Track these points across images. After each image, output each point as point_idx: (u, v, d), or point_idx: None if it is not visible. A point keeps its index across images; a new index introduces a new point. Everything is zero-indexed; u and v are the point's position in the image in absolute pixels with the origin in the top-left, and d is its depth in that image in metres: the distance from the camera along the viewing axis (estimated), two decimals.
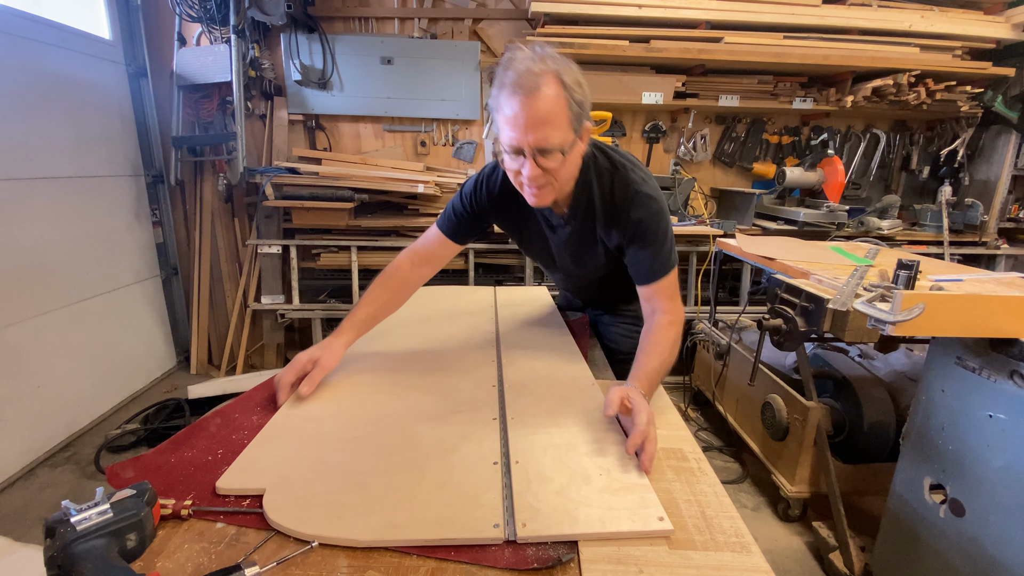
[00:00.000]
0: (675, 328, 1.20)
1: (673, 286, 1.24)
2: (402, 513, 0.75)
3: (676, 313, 1.22)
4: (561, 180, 1.12)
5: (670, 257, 1.22)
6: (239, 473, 0.83)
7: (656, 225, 1.19)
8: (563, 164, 1.07)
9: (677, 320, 1.22)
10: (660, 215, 1.20)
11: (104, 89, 2.97)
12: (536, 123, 0.99)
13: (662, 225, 1.20)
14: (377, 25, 3.34)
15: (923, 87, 3.10)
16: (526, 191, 1.13)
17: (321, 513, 0.74)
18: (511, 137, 1.03)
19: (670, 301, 1.22)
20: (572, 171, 1.15)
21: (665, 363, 1.15)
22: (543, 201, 1.15)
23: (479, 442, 0.94)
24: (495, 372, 1.26)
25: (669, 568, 0.67)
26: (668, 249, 1.22)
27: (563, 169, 1.09)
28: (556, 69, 1.00)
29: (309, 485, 0.81)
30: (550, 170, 1.06)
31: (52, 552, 0.57)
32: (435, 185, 3.09)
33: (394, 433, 0.97)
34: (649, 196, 1.19)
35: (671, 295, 1.23)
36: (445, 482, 0.82)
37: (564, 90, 1.00)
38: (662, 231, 1.20)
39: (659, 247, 1.20)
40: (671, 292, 1.23)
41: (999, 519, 1.31)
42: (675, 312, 1.22)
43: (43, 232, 2.52)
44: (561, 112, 1.01)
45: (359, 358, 1.32)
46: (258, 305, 3.34)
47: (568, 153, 1.06)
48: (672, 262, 1.23)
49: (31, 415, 2.44)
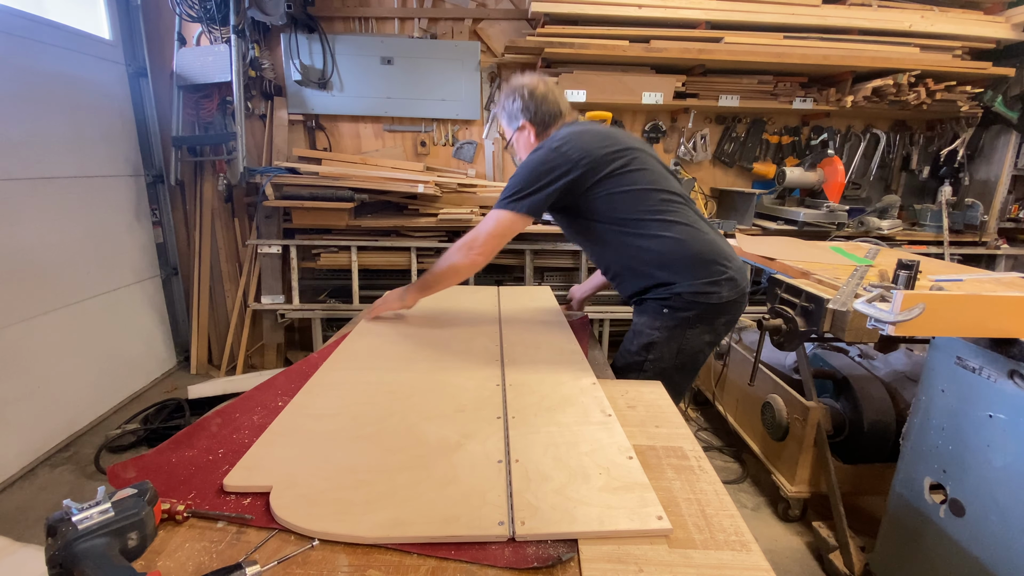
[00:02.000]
0: (452, 252, 1.46)
1: (491, 223, 1.42)
2: (408, 511, 0.75)
3: (469, 244, 1.45)
4: (518, 153, 1.63)
5: (511, 194, 1.40)
6: (245, 471, 0.84)
7: (528, 162, 1.42)
8: (513, 144, 1.63)
9: (459, 248, 1.45)
10: (537, 157, 1.41)
11: (104, 89, 2.97)
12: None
13: (531, 161, 1.41)
14: (377, 25, 3.34)
15: (923, 87, 3.10)
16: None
17: (327, 510, 0.74)
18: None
19: (476, 232, 1.43)
20: (523, 150, 1.59)
21: (436, 276, 1.51)
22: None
23: (483, 441, 0.94)
24: (498, 371, 1.26)
25: (669, 567, 0.67)
26: (515, 185, 1.40)
27: (515, 147, 1.63)
28: (500, 100, 1.62)
29: (315, 483, 0.81)
30: (511, 149, 1.66)
31: (53, 551, 0.57)
32: (435, 185, 3.09)
33: (399, 431, 0.98)
34: (540, 147, 1.44)
35: (485, 229, 1.42)
36: (450, 480, 0.82)
37: (501, 109, 1.62)
38: (526, 166, 1.41)
39: (513, 177, 1.42)
40: (486, 226, 1.42)
41: (999, 519, 1.31)
42: (470, 242, 1.45)
43: (43, 232, 2.52)
44: (502, 119, 1.63)
45: (364, 358, 1.33)
46: (258, 305, 3.34)
47: (512, 139, 1.62)
48: (507, 201, 1.40)
49: (31, 415, 2.44)
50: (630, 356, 1.56)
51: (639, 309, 1.58)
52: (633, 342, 1.56)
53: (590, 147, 1.40)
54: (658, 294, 1.49)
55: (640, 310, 1.57)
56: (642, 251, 1.47)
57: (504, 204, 1.41)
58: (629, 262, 1.52)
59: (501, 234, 1.43)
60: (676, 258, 1.45)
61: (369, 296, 3.18)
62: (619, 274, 1.59)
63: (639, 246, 1.46)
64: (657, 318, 1.50)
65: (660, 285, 1.48)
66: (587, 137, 1.43)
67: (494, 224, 1.42)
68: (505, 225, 1.42)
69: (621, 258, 1.53)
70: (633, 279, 1.55)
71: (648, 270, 1.49)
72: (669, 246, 1.44)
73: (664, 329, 1.49)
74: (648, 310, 1.53)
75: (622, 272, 1.57)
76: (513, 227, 1.43)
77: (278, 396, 1.13)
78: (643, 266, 1.49)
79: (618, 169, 1.42)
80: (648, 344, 1.52)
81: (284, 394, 1.14)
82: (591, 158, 1.40)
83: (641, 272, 1.51)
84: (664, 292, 1.48)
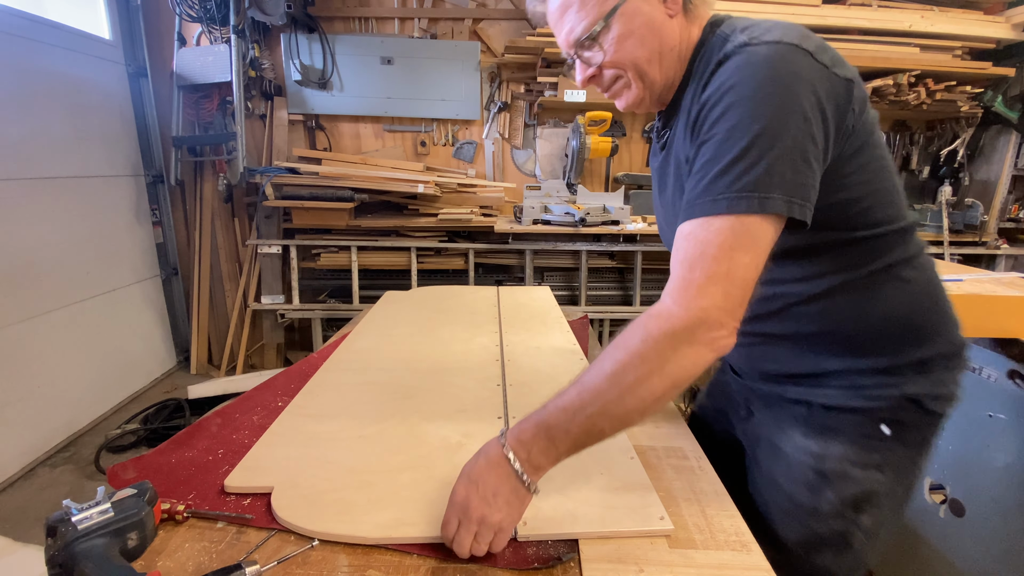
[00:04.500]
0: (653, 338, 0.62)
1: (723, 247, 0.61)
2: (410, 511, 0.75)
3: (684, 307, 0.62)
4: (635, 61, 0.75)
5: (748, 178, 0.61)
6: (246, 471, 0.84)
7: (741, 96, 0.63)
8: (615, 44, 0.74)
9: (670, 321, 0.62)
10: (761, 78, 0.62)
11: (104, 89, 2.97)
12: (558, 16, 0.76)
13: (756, 101, 0.62)
14: (377, 25, 3.34)
15: (923, 87, 3.10)
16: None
17: (328, 511, 0.75)
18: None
19: (690, 277, 0.62)
20: (647, 49, 0.75)
21: (595, 395, 0.63)
22: (629, 104, 0.81)
23: (484, 440, 0.94)
24: (499, 371, 1.26)
25: (670, 567, 0.67)
26: (753, 160, 0.61)
27: (628, 45, 0.74)
28: None
29: (316, 483, 0.81)
30: (611, 58, 0.75)
31: (53, 551, 0.57)
32: (435, 185, 3.09)
33: (400, 432, 0.98)
34: (752, 48, 0.64)
35: (704, 266, 0.61)
36: (452, 480, 0.82)
37: None
38: (751, 113, 0.61)
39: (730, 144, 0.62)
40: (709, 258, 0.61)
41: (999, 519, 1.31)
42: (684, 305, 0.62)
43: (43, 232, 2.52)
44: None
45: (364, 358, 1.33)
46: (258, 305, 3.34)
47: (608, 30, 0.73)
48: (749, 194, 0.61)
49: (31, 415, 2.44)
50: (817, 522, 0.82)
51: (805, 416, 0.83)
52: (818, 493, 0.81)
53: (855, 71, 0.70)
54: (873, 392, 0.78)
55: (814, 420, 0.82)
56: (876, 299, 0.77)
57: (737, 198, 0.62)
58: (844, 315, 0.78)
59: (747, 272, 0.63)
60: (927, 319, 0.79)
61: (369, 296, 3.18)
62: (806, 335, 0.81)
63: (879, 286, 0.77)
64: (870, 444, 0.79)
65: (880, 372, 0.78)
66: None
67: (728, 253, 0.62)
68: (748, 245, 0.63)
69: (832, 306, 0.78)
70: (826, 347, 0.80)
71: (869, 339, 0.78)
72: (918, 296, 0.79)
73: (890, 467, 0.80)
74: (843, 427, 0.80)
75: (817, 332, 0.80)
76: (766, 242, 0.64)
77: (278, 396, 1.13)
78: (864, 329, 0.78)
79: (875, 130, 0.73)
80: (862, 498, 0.80)
81: (284, 394, 1.14)
82: (865, 95, 0.71)
83: (858, 339, 0.79)
84: (884, 388, 0.78)
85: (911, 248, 0.78)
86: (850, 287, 0.77)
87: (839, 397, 0.81)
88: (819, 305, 0.78)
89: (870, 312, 0.77)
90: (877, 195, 0.74)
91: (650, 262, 3.31)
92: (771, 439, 0.89)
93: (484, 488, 0.66)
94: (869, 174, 0.72)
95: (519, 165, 3.58)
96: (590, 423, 0.64)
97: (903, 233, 0.77)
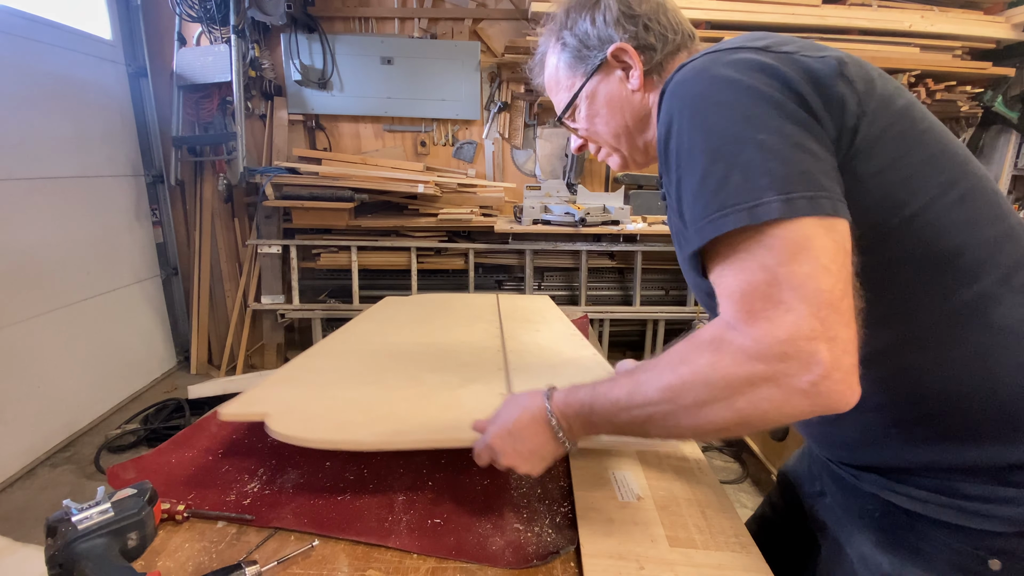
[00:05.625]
0: (705, 348, 0.53)
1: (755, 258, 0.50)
2: (409, 424, 0.78)
3: (735, 325, 0.51)
4: (603, 136, 0.79)
5: (731, 185, 0.51)
6: (242, 403, 0.85)
7: (680, 121, 0.56)
8: (586, 122, 0.78)
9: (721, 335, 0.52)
10: (704, 98, 0.56)
11: (104, 89, 2.97)
12: (548, 93, 0.84)
13: (706, 116, 0.55)
14: (377, 25, 3.34)
15: (923, 87, 3.10)
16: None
17: (327, 425, 0.76)
18: None
19: (738, 289, 0.51)
20: (614, 124, 0.76)
21: (646, 402, 0.56)
22: (617, 169, 0.85)
23: (486, 384, 0.98)
24: (499, 343, 1.27)
25: (670, 565, 0.67)
26: (727, 169, 0.52)
27: (596, 122, 0.77)
28: (554, 27, 0.79)
29: (314, 408, 0.84)
30: (585, 133, 0.80)
31: (53, 551, 0.57)
32: (435, 185, 3.09)
33: (402, 379, 1.01)
34: (694, 71, 0.58)
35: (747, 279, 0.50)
36: (451, 407, 0.84)
37: (557, 42, 0.77)
38: (700, 129, 0.55)
39: (691, 170, 0.55)
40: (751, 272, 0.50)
41: None
42: (737, 321, 0.51)
43: (43, 232, 2.52)
44: (555, 70, 0.79)
45: (366, 338, 1.34)
46: (258, 305, 3.34)
47: (577, 109, 0.78)
48: (744, 198, 0.50)
49: (31, 415, 2.44)
50: None
51: (879, 519, 0.64)
52: None
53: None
54: (978, 507, 0.55)
55: (891, 527, 0.63)
56: (966, 353, 0.56)
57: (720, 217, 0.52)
58: (920, 378, 0.58)
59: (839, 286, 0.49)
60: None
61: (369, 296, 3.18)
62: (872, 408, 0.59)
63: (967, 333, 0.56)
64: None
65: (988, 473, 0.55)
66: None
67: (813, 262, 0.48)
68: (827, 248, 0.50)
69: (903, 365, 0.58)
70: (902, 428, 0.60)
71: (964, 417, 0.56)
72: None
73: None
74: (929, 549, 0.59)
75: (886, 404, 0.60)
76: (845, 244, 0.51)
77: None
78: (946, 408, 0.57)
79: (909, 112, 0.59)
80: None
81: None
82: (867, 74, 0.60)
83: (948, 418, 0.57)
84: (997, 502, 0.55)
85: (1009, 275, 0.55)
86: (927, 335, 0.55)
87: (926, 503, 0.57)
88: (886, 366, 0.57)
89: (960, 374, 0.55)
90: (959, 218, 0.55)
91: (650, 262, 3.31)
92: (836, 535, 0.70)
93: (521, 444, 0.68)
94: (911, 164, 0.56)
95: (519, 165, 3.58)
96: (636, 424, 0.59)
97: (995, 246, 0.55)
